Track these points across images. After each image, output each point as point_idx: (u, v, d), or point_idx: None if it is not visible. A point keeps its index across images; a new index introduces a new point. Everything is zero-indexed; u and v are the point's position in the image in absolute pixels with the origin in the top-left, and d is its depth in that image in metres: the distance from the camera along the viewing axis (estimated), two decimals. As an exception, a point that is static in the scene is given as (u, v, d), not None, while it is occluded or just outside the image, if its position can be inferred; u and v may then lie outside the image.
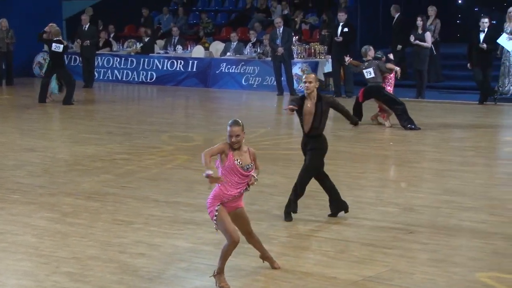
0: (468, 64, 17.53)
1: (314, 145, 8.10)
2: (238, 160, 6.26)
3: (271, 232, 7.83)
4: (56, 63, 17.98)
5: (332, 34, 19.29)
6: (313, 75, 8.04)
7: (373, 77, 14.25)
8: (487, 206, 8.91)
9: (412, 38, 18.27)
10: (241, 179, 6.29)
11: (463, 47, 18.56)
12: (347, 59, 14.97)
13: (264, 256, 6.72)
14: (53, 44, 17.86)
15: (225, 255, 6.34)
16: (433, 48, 19.12)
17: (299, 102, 7.98)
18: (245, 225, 6.49)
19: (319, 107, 7.95)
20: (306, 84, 7.93)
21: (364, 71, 14.35)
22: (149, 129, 14.51)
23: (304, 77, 8.03)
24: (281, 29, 19.55)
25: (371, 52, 14.44)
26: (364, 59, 14.49)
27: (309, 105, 7.95)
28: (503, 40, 17.68)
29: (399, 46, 19.46)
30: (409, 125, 14.14)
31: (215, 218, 6.29)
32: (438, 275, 6.58)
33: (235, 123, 6.29)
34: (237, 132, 6.26)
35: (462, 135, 14.02)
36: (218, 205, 6.29)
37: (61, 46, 17.88)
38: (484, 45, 17.14)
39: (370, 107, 14.88)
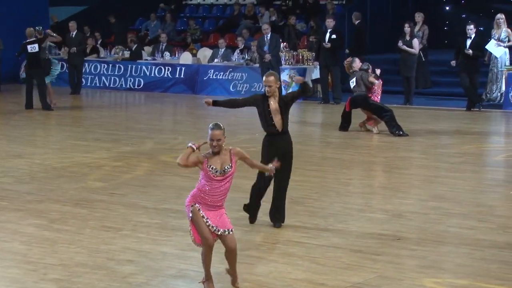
0: (453, 62, 17.53)
1: (289, 146, 8.10)
2: (212, 167, 6.22)
3: (259, 239, 7.84)
4: (32, 64, 17.95)
5: (320, 40, 19.34)
6: (272, 78, 7.80)
7: (355, 86, 14.41)
8: (475, 213, 8.95)
9: (400, 44, 18.33)
10: (220, 184, 6.24)
11: (451, 53, 18.64)
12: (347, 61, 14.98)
13: (231, 272, 6.42)
14: (28, 46, 17.83)
15: (205, 260, 6.29)
16: (422, 54, 19.21)
17: (259, 101, 7.98)
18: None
19: (282, 104, 7.93)
20: (267, 89, 7.83)
21: (350, 81, 14.54)
22: (137, 136, 14.49)
23: (263, 80, 7.90)
24: (269, 35, 19.59)
25: (355, 64, 14.61)
26: (351, 70, 14.67)
27: (272, 103, 7.92)
28: (491, 46, 17.79)
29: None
30: (397, 132, 14.20)
31: (190, 217, 6.27)
32: (426, 281, 6.60)
33: (217, 126, 6.25)
34: (219, 136, 6.24)
35: (449, 141, 14.07)
36: (193, 205, 6.28)
37: (36, 45, 17.83)
38: (470, 51, 17.22)
39: (359, 114, 14.93)
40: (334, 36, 19.00)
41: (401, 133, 14.19)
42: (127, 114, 18.55)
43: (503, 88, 18.19)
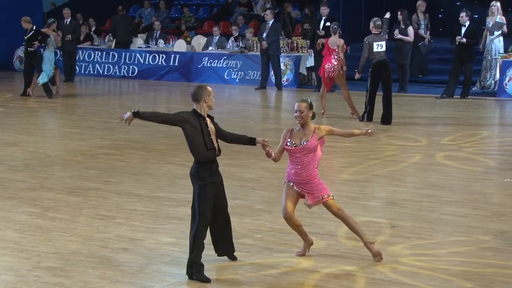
0: (459, 37, 17.40)
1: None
2: (290, 141, 6.72)
3: (254, 227, 7.85)
4: (30, 53, 17.98)
5: (315, 28, 19.29)
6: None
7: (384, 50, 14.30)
8: (469, 200, 8.97)
9: (396, 32, 18.29)
10: (296, 156, 6.71)
11: (445, 41, 18.64)
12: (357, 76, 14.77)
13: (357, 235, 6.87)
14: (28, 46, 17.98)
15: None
16: (429, 42, 19.11)
17: (191, 119, 6.60)
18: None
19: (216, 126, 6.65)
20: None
21: (376, 44, 14.28)
22: (131, 124, 14.41)
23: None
24: (271, 22, 19.50)
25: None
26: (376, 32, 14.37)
27: (209, 123, 6.58)
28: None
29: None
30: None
31: None
32: (421, 269, 6.62)
33: (302, 100, 6.78)
34: (303, 109, 6.67)
35: (444, 129, 14.08)
36: (285, 182, 6.83)
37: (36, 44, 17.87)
38: (464, 40, 17.21)
39: (358, 101, 14.87)
40: (328, 24, 18.94)
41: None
42: (121, 102, 18.52)
43: (497, 76, 18.20)
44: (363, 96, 14.69)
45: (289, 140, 6.76)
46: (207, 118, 6.53)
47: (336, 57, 14.61)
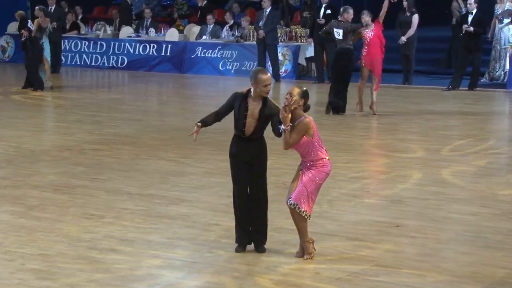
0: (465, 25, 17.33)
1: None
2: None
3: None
4: (25, 44, 18.01)
5: (314, 16, 19.26)
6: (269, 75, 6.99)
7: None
8: (478, 198, 8.96)
9: (405, 14, 18.12)
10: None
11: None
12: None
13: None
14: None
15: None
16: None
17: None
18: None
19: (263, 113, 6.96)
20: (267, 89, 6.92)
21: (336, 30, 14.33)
22: (120, 117, 14.45)
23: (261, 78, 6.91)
24: (268, 10, 19.46)
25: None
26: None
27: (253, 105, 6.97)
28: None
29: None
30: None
31: None
32: (426, 271, 6.61)
33: (299, 86, 6.79)
34: (293, 92, 6.61)
35: (451, 122, 14.08)
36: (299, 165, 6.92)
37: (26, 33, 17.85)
38: (471, 28, 17.20)
39: (366, 94, 14.85)
40: (329, 12, 18.92)
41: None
42: (109, 94, 18.48)
43: (507, 66, 18.21)
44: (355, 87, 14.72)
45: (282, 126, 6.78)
46: (253, 102, 6.92)
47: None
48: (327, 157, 6.90)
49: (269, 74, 6.98)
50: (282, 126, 6.64)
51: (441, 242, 7.43)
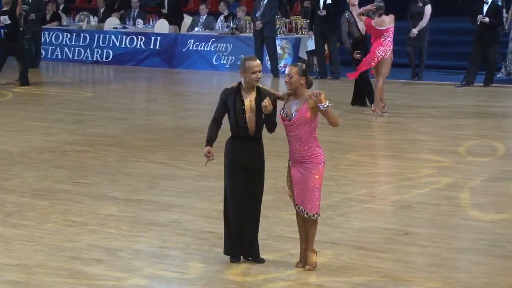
0: (480, 16, 17.31)
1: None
2: (284, 110, 6.76)
3: (247, 234, 7.83)
4: (8, 36, 18.03)
5: (315, 7, 19.27)
6: (257, 61, 6.97)
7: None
8: (493, 203, 8.98)
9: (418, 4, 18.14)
10: (288, 130, 6.75)
11: (466, 21, 18.64)
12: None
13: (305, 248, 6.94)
14: (1, 17, 17.89)
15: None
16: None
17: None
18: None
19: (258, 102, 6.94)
20: (257, 76, 6.89)
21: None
22: (105, 116, 14.45)
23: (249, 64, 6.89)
24: (266, 0, 19.44)
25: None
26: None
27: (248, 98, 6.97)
28: None
29: None
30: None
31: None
32: (438, 282, 6.63)
33: (293, 64, 6.91)
34: (290, 72, 6.71)
35: (464, 122, 14.10)
36: (289, 161, 6.87)
37: (6, 17, 17.83)
38: (486, 19, 17.22)
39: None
40: (329, 1, 18.93)
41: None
42: (93, 91, 18.48)
43: (526, 60, 18.25)
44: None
45: (283, 107, 6.80)
46: (247, 94, 6.92)
47: (388, 38, 14.22)
48: (319, 146, 6.88)
49: (258, 61, 6.95)
50: (326, 103, 6.65)
51: (454, 252, 7.44)
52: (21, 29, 18.55)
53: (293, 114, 6.71)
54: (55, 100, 16.58)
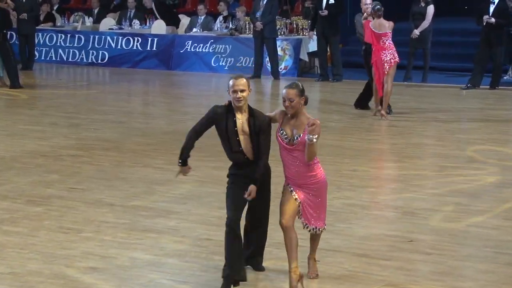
0: (486, 16, 17.32)
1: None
2: (283, 131, 6.53)
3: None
4: None
5: (317, 6, 19.28)
6: (244, 80, 6.73)
7: None
8: (500, 210, 8.98)
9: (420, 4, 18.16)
10: (288, 153, 6.54)
11: (471, 22, 18.67)
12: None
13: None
14: None
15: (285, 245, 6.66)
16: None
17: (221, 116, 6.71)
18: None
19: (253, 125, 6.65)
20: (237, 95, 6.63)
21: None
22: (101, 120, 14.46)
23: (231, 83, 6.67)
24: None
25: None
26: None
27: (240, 118, 6.69)
28: None
29: None
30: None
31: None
32: (443, 291, 6.64)
33: (290, 85, 6.54)
34: (291, 96, 6.45)
35: (470, 125, 14.11)
36: (286, 185, 6.70)
37: None
38: (492, 19, 17.24)
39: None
40: (332, 1, 18.94)
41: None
42: (88, 93, 18.50)
43: (533, 62, 18.28)
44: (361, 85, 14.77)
45: (281, 129, 6.55)
46: (239, 115, 6.63)
47: (388, 41, 14.23)
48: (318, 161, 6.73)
49: (242, 80, 6.63)
50: (311, 136, 6.34)
51: (460, 259, 7.44)
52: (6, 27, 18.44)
53: (296, 137, 6.49)
54: (49, 103, 16.59)
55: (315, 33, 19.38)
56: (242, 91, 6.59)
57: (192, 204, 9.18)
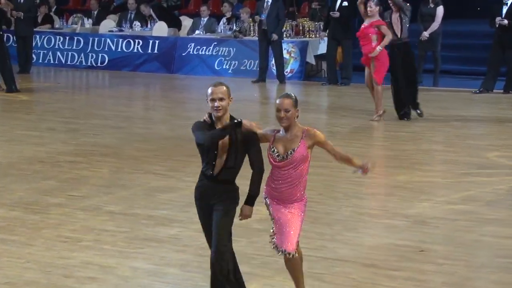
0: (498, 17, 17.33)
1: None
2: (274, 149, 6.19)
3: (251, 251, 7.83)
4: None
5: (330, 8, 19.25)
6: (224, 88, 6.46)
7: None
8: (513, 218, 8.98)
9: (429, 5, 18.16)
10: (281, 171, 6.20)
11: (484, 24, 18.66)
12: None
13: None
14: None
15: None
16: None
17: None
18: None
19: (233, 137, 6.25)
20: (215, 104, 6.33)
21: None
22: (100, 125, 14.46)
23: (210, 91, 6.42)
24: (270, 0, 19.41)
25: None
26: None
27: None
28: None
29: None
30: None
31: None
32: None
33: (286, 95, 6.24)
34: (287, 106, 6.14)
35: (482, 131, 14.09)
36: (265, 198, 6.38)
37: None
38: (505, 21, 17.23)
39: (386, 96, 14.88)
40: (345, 3, 18.90)
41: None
42: (88, 98, 18.51)
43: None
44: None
45: (272, 147, 6.21)
46: (219, 126, 6.24)
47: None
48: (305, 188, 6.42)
49: (220, 87, 6.36)
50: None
51: (472, 270, 7.43)
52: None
53: (289, 153, 6.16)
54: (47, 108, 16.60)
55: (326, 34, 19.36)
56: (221, 99, 6.24)
57: (194, 212, 9.12)
